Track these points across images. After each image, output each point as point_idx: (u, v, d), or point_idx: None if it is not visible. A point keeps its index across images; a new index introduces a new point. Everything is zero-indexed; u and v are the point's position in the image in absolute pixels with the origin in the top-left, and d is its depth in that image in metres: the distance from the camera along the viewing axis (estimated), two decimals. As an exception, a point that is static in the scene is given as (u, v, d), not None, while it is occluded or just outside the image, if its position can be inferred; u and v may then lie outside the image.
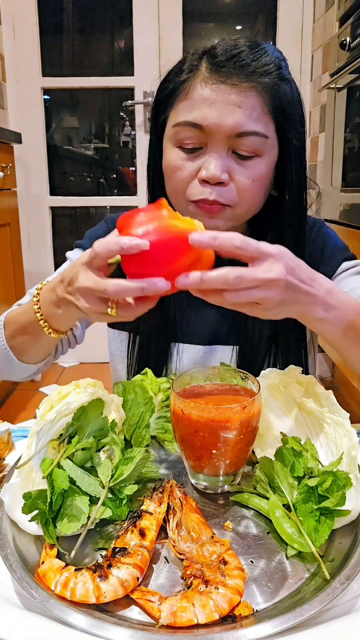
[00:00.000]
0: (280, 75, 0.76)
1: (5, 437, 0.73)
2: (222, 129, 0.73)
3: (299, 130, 0.79)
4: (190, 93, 0.76)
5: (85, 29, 2.91)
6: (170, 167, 0.79)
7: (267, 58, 0.75)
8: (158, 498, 0.56)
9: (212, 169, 0.74)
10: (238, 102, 0.73)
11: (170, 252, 0.54)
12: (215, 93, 0.73)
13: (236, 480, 0.64)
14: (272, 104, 0.75)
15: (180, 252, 0.54)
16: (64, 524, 0.54)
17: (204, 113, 0.74)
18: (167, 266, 0.54)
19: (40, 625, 0.45)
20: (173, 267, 0.54)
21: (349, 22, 1.86)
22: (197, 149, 0.77)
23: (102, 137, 3.12)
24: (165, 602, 0.46)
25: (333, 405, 0.64)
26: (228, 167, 0.76)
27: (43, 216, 2.94)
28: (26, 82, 2.77)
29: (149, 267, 0.54)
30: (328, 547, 0.54)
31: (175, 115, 0.78)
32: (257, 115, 0.74)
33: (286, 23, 2.68)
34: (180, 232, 0.54)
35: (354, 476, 0.56)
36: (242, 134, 0.74)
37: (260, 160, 0.77)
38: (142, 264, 0.54)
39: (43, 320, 0.72)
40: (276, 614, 0.46)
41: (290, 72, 0.80)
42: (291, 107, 0.78)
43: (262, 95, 0.74)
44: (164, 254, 0.54)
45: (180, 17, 2.70)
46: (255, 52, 0.75)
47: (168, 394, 0.78)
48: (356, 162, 1.91)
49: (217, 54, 0.75)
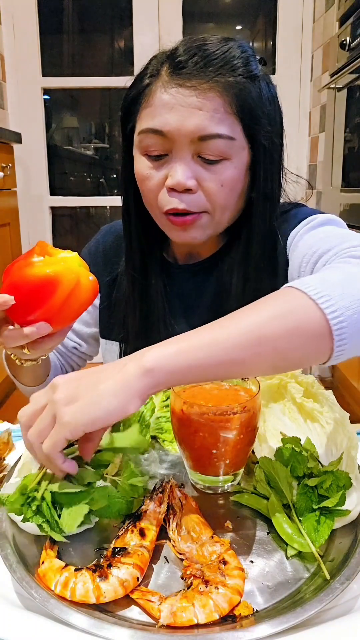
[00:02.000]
0: (247, 73, 0.72)
1: (5, 437, 0.73)
2: (184, 133, 0.71)
3: (268, 130, 0.75)
4: (151, 99, 0.73)
5: (85, 29, 2.91)
6: (139, 177, 0.78)
7: (231, 55, 0.72)
8: (158, 498, 0.57)
9: (178, 175, 0.72)
10: (199, 105, 0.70)
11: (35, 298, 0.59)
12: (174, 97, 0.71)
13: (236, 480, 0.64)
14: (237, 103, 0.72)
15: (44, 295, 0.59)
16: (67, 523, 0.53)
17: (165, 119, 0.71)
18: (41, 309, 0.60)
19: (40, 625, 0.45)
20: (46, 308, 0.60)
21: (349, 22, 1.86)
22: (162, 156, 0.75)
23: (102, 137, 3.12)
24: (165, 602, 0.46)
25: (333, 405, 0.64)
26: (195, 172, 0.73)
27: (43, 216, 2.94)
28: (26, 82, 2.77)
29: (28, 313, 0.61)
30: (328, 547, 0.54)
31: (139, 123, 0.76)
32: (220, 116, 0.71)
33: (286, 23, 2.68)
34: (39, 279, 0.59)
35: (354, 476, 0.56)
36: (204, 137, 0.71)
37: (229, 164, 0.73)
38: (21, 312, 0.61)
39: (13, 354, 0.73)
40: (276, 614, 0.46)
41: (263, 64, 0.77)
42: (259, 105, 0.74)
43: (225, 95, 0.71)
44: (30, 301, 0.59)
45: (180, 17, 2.70)
46: (218, 49, 0.72)
47: (168, 394, 0.78)
48: (356, 162, 1.91)
49: (178, 55, 0.73)
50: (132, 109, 0.77)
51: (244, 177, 0.76)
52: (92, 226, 3.20)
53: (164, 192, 0.75)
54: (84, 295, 0.61)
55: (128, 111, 0.79)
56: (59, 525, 0.52)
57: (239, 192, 0.77)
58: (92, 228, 3.19)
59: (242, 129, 0.73)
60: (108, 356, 1.00)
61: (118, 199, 0.87)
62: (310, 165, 2.68)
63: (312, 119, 2.66)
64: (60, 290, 0.59)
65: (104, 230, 1.01)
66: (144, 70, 0.77)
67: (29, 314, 0.61)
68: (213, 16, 2.86)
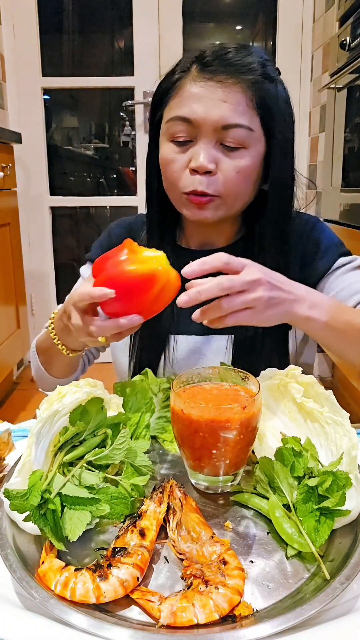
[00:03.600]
0: (264, 74, 0.82)
1: (5, 437, 0.73)
2: (209, 122, 0.79)
3: (284, 126, 0.84)
4: (181, 91, 0.83)
5: (85, 29, 2.91)
6: (164, 161, 0.85)
7: (251, 58, 0.82)
8: (158, 498, 0.56)
9: (201, 158, 0.80)
10: (224, 97, 0.79)
11: (135, 292, 0.65)
12: (203, 89, 0.80)
13: (236, 480, 0.64)
14: (257, 99, 0.81)
15: (143, 290, 0.65)
16: (69, 530, 0.53)
17: (193, 108, 0.80)
18: (136, 303, 0.65)
19: (40, 625, 0.45)
20: (141, 302, 0.65)
21: (349, 22, 1.86)
22: (187, 142, 0.83)
23: (102, 137, 3.12)
24: (165, 602, 0.46)
25: (333, 405, 0.64)
26: (215, 157, 0.81)
27: (43, 216, 2.94)
28: (26, 82, 2.77)
29: (123, 306, 0.65)
30: (328, 547, 0.54)
31: (168, 112, 0.85)
32: (242, 109, 0.80)
33: (286, 23, 2.68)
34: (140, 275, 0.64)
35: (354, 476, 0.56)
36: (227, 126, 0.79)
37: (246, 152, 0.82)
38: (115, 306, 0.66)
39: (60, 343, 0.84)
40: (276, 614, 0.46)
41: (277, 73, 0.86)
42: (276, 103, 0.83)
43: (247, 91, 0.80)
44: (129, 295, 0.64)
45: (180, 17, 2.70)
46: (240, 52, 0.82)
47: (168, 394, 0.78)
48: (356, 162, 1.91)
49: (205, 55, 0.82)
50: (162, 100, 0.87)
51: (258, 166, 0.85)
52: (92, 226, 3.19)
53: (186, 174, 0.83)
54: (171, 291, 0.67)
55: (158, 102, 0.88)
56: (62, 532, 0.52)
57: (252, 180, 0.85)
58: (92, 228, 3.19)
59: (260, 122, 0.82)
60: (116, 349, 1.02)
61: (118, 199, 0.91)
62: (310, 165, 2.68)
63: (312, 119, 2.66)
64: (156, 286, 0.65)
65: (113, 225, 1.07)
66: (175, 68, 0.86)
67: (124, 306, 0.66)
68: (213, 16, 2.86)
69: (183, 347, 0.95)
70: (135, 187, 2.94)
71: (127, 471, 0.61)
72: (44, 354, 0.94)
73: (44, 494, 0.53)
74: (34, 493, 0.52)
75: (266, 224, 0.88)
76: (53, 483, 0.55)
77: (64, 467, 0.59)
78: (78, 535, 0.52)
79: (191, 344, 0.95)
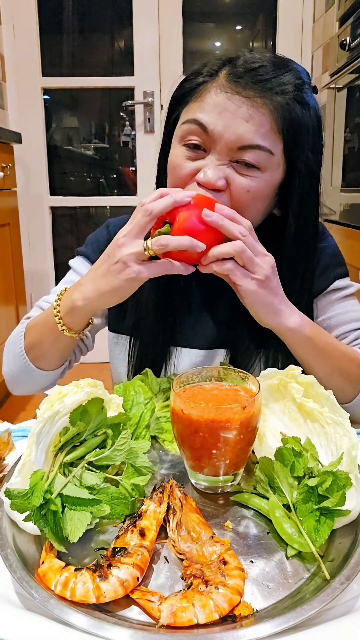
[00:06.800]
0: (297, 97, 0.75)
1: (5, 437, 0.73)
2: (226, 139, 0.74)
3: (308, 157, 0.78)
4: (204, 95, 0.76)
5: (85, 29, 2.91)
6: (172, 164, 0.80)
7: (287, 77, 0.75)
8: (158, 498, 0.56)
9: (210, 174, 0.74)
10: (247, 116, 0.73)
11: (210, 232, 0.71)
12: (227, 102, 0.74)
13: (236, 480, 0.64)
14: (283, 124, 0.74)
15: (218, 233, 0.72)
16: (70, 530, 0.53)
17: (212, 118, 0.74)
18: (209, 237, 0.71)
19: (40, 625, 0.45)
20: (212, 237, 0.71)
21: (349, 22, 1.86)
22: (199, 149, 0.77)
23: (102, 137, 3.12)
24: (165, 602, 0.46)
25: (333, 406, 0.64)
26: (226, 173, 0.76)
27: (43, 216, 2.94)
28: (26, 82, 2.77)
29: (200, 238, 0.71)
30: (328, 547, 0.54)
31: (186, 113, 0.79)
32: (264, 131, 0.74)
33: (286, 23, 2.68)
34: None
35: (354, 476, 0.56)
36: (244, 147, 0.74)
37: (261, 174, 0.76)
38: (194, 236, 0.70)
39: (62, 323, 0.81)
40: (276, 614, 0.46)
41: (313, 96, 0.79)
42: (304, 132, 0.77)
43: (274, 113, 0.74)
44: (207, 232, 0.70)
45: (180, 17, 2.70)
46: (277, 70, 0.75)
47: (168, 394, 0.78)
48: (356, 162, 1.91)
49: (237, 64, 0.75)
50: (182, 100, 0.81)
51: (271, 194, 0.79)
52: (92, 226, 3.19)
53: (193, 185, 0.78)
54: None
55: (177, 101, 0.82)
56: (62, 533, 0.52)
57: (263, 203, 0.79)
58: (92, 228, 3.16)
59: (282, 149, 0.76)
60: (116, 350, 0.99)
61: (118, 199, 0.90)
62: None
63: (312, 119, 2.66)
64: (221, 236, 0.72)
65: (112, 222, 1.01)
66: (201, 69, 0.79)
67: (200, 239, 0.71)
68: (213, 16, 2.86)
69: (185, 361, 0.93)
70: (135, 187, 2.94)
71: (127, 471, 0.61)
72: (36, 336, 0.87)
73: (46, 495, 0.53)
74: (36, 493, 0.52)
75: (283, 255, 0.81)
76: (54, 483, 0.55)
77: (64, 467, 0.59)
78: (79, 537, 0.52)
79: (193, 357, 0.93)
